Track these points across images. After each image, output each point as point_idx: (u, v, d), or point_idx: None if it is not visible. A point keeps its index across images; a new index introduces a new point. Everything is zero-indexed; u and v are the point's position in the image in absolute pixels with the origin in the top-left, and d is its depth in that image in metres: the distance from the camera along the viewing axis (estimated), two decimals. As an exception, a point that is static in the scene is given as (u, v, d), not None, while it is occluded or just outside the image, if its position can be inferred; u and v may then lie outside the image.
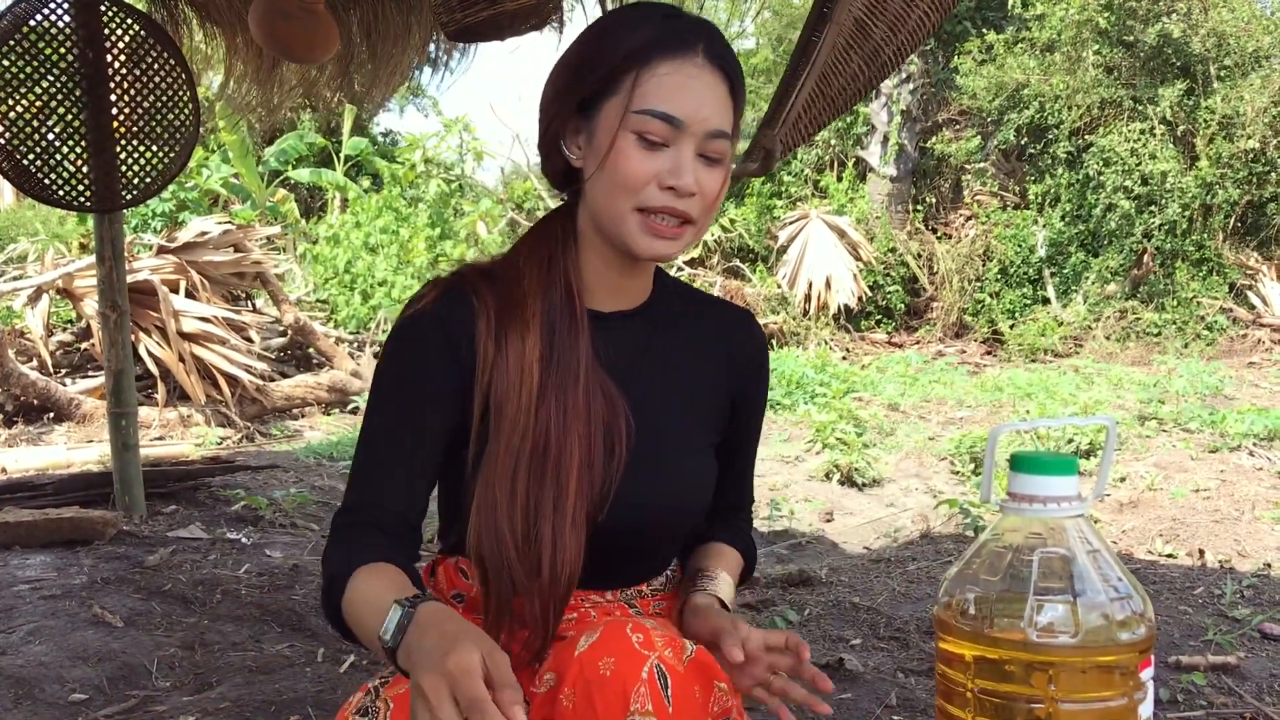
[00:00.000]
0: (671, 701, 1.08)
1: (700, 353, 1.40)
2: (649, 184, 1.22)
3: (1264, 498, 4.78)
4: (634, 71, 1.22)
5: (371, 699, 1.15)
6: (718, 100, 1.24)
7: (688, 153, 1.22)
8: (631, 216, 1.24)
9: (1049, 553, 1.03)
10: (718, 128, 1.24)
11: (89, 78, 3.83)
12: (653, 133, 1.21)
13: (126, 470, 4.21)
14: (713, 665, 1.16)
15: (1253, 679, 2.69)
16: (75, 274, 7.16)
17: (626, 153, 1.21)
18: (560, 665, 1.13)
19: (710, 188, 1.25)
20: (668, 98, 1.21)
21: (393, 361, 1.29)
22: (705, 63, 1.23)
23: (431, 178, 13.11)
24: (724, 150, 1.25)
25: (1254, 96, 11.70)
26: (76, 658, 2.71)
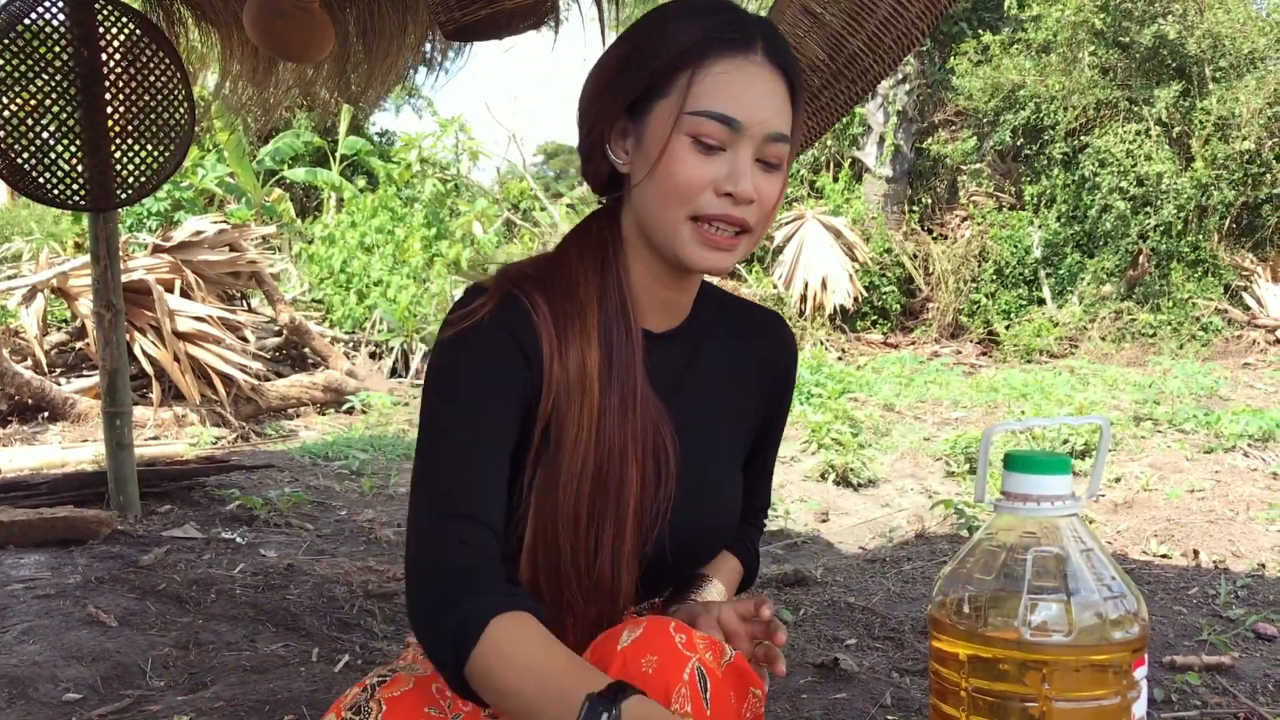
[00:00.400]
0: (710, 704, 1.08)
1: (736, 368, 1.35)
2: (705, 190, 1.15)
3: (1258, 498, 4.79)
4: (689, 70, 1.14)
5: (366, 697, 1.12)
6: (777, 101, 1.17)
7: (746, 157, 1.15)
8: (685, 226, 1.16)
9: (1043, 551, 1.03)
10: (777, 130, 1.17)
11: (84, 76, 3.82)
12: (709, 135, 1.14)
13: (121, 470, 4.20)
14: (749, 671, 1.16)
15: (1247, 679, 2.70)
16: (70, 273, 7.15)
17: (681, 156, 1.14)
18: (602, 658, 1.11)
19: (769, 195, 1.18)
20: (725, 98, 1.14)
21: (465, 369, 1.17)
22: (765, 61, 1.16)
23: (427, 177, 13.10)
24: (783, 155, 1.18)
25: (1249, 98, 11.72)
26: (70, 657, 2.70)
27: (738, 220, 1.16)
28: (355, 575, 3.55)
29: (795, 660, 2.83)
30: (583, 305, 1.20)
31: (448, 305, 9.96)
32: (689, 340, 1.31)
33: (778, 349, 1.39)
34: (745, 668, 1.15)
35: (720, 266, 1.18)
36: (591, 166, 1.25)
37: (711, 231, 1.16)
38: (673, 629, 1.11)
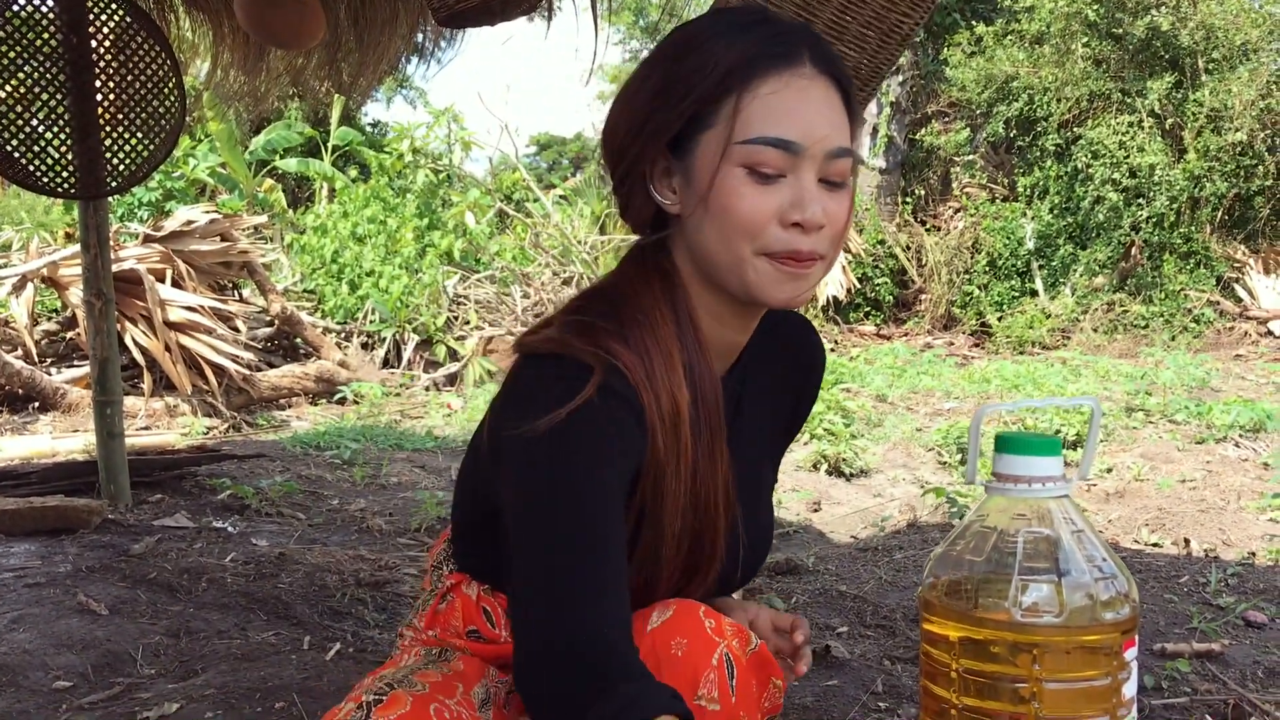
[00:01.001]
0: (735, 691, 1.08)
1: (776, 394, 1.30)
2: (770, 223, 1.05)
3: (1249, 488, 4.80)
4: (734, 95, 1.05)
5: (361, 715, 1.05)
6: (834, 113, 1.07)
7: (809, 180, 1.06)
8: (757, 261, 1.07)
9: (1034, 533, 1.03)
10: (839, 145, 1.07)
11: (73, 63, 3.80)
12: (766, 164, 1.04)
13: (112, 459, 4.19)
14: (771, 661, 1.16)
15: (1236, 666, 2.71)
16: (60, 262, 7.12)
17: (738, 191, 1.04)
18: None
19: (838, 216, 1.08)
20: (779, 120, 1.04)
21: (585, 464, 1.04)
22: (815, 72, 1.06)
23: (419, 168, 13.06)
24: (847, 171, 1.09)
25: (1242, 89, 11.74)
26: (61, 645, 2.69)
27: (805, 255, 1.07)
28: (347, 564, 3.54)
29: (787, 648, 2.83)
30: (667, 346, 1.10)
31: (440, 295, 9.95)
32: (737, 380, 1.24)
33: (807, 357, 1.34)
34: (768, 657, 1.15)
35: (800, 299, 1.10)
36: (634, 209, 1.15)
37: (785, 265, 1.07)
38: (702, 614, 1.11)
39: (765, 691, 1.14)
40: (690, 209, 1.09)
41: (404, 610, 3.13)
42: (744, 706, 1.09)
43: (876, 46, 2.42)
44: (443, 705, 1.10)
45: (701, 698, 1.06)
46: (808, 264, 1.08)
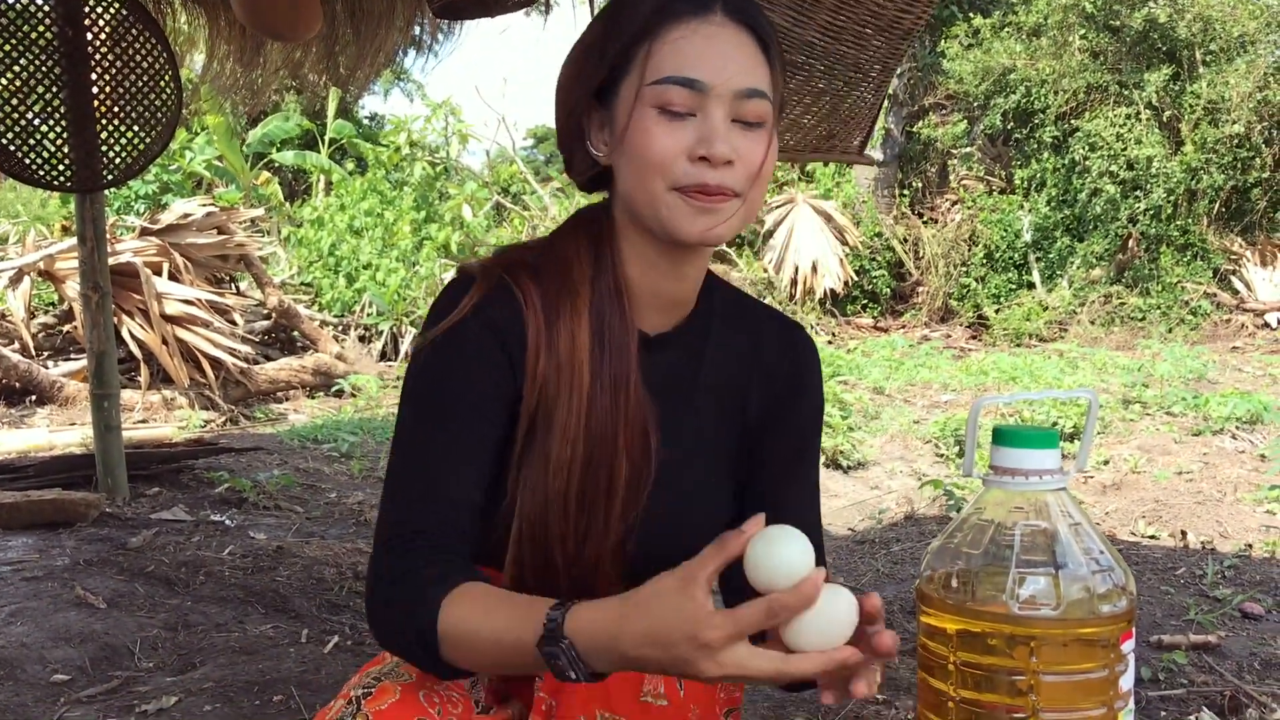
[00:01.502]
0: (683, 687, 1.07)
1: (731, 370, 1.26)
2: (678, 158, 1.08)
3: (1245, 480, 4.81)
4: (647, 41, 1.10)
5: (352, 710, 1.05)
6: (745, 57, 1.10)
7: (718, 118, 1.08)
8: (668, 196, 1.10)
9: (1031, 526, 1.03)
10: (748, 86, 1.09)
11: (69, 56, 3.79)
12: (675, 103, 1.08)
13: (109, 452, 4.18)
14: None
15: (1233, 657, 2.71)
16: (57, 256, 7.11)
17: (649, 130, 1.08)
18: None
19: (751, 155, 1.10)
20: (685, 61, 1.08)
21: (443, 371, 1.14)
22: (725, 19, 1.10)
23: (416, 161, 13.04)
24: (763, 112, 1.11)
25: (1239, 81, 11.74)
26: (59, 639, 2.70)
27: (714, 189, 1.09)
28: (344, 557, 3.55)
29: (784, 640, 2.83)
30: (576, 287, 1.15)
31: (437, 289, 9.94)
32: (688, 344, 1.24)
33: (784, 353, 1.28)
34: None
35: (715, 232, 1.11)
36: (574, 163, 1.20)
37: (695, 197, 1.10)
38: None
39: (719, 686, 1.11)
40: (614, 155, 1.14)
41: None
42: (696, 701, 1.07)
43: (876, 41, 2.43)
44: (432, 691, 1.10)
45: (647, 694, 1.05)
46: (717, 198, 1.10)
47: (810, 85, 2.62)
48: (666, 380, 1.20)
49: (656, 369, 1.19)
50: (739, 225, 1.14)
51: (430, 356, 1.14)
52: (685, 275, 1.20)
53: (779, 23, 2.43)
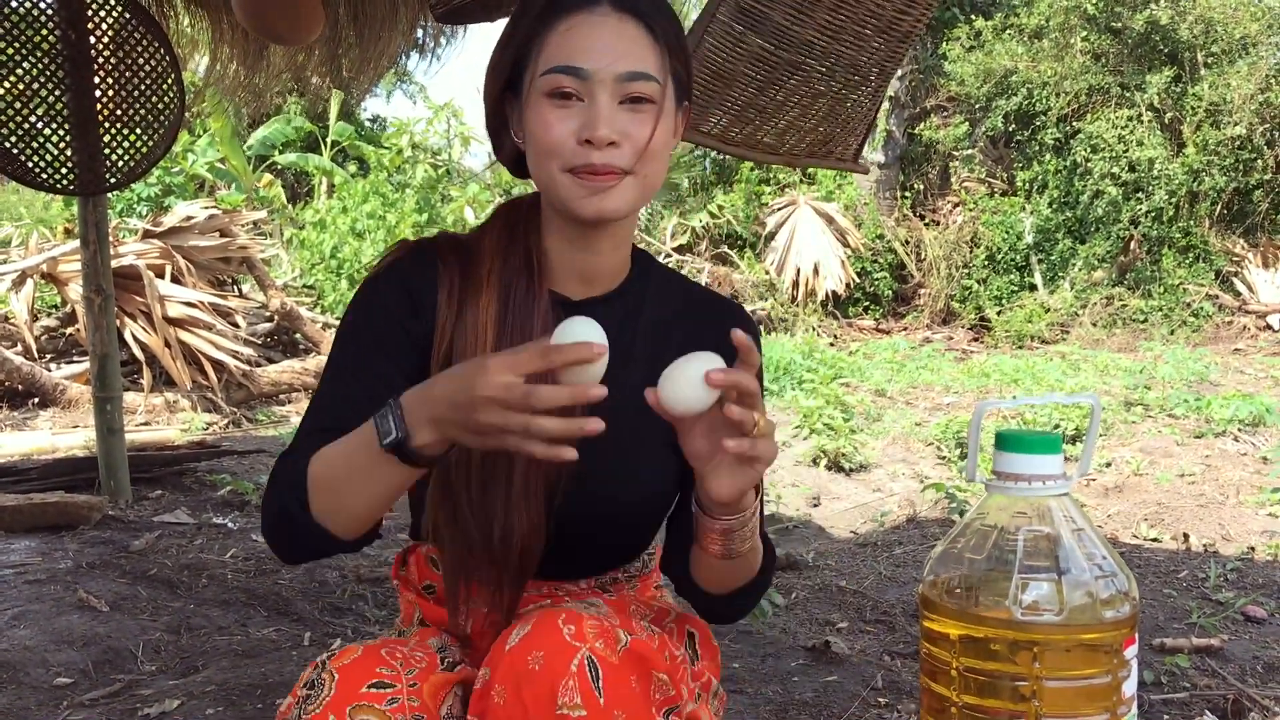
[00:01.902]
0: (602, 693, 1.05)
1: (668, 342, 1.29)
2: (567, 141, 1.17)
3: (1248, 482, 4.81)
4: (541, 35, 1.19)
5: (318, 672, 1.11)
6: (629, 41, 1.18)
7: (601, 100, 1.16)
8: (562, 177, 1.19)
9: (1034, 531, 1.03)
10: (630, 69, 1.17)
11: (72, 60, 3.80)
12: (562, 87, 1.17)
13: (112, 455, 4.19)
14: (651, 655, 1.12)
15: (1235, 661, 2.71)
16: (60, 258, 7.12)
17: (542, 116, 1.18)
18: (492, 660, 1.11)
19: (637, 133, 1.18)
20: (570, 50, 1.17)
21: (355, 312, 1.28)
22: (610, 10, 1.19)
23: (418, 163, 13.06)
24: (650, 91, 1.18)
25: (1241, 83, 11.73)
26: (61, 642, 2.70)
27: (600, 169, 1.17)
28: (347, 559, 3.55)
29: (786, 643, 2.83)
30: (487, 259, 1.26)
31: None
32: (615, 309, 1.30)
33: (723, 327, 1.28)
34: (646, 652, 1.12)
35: (607, 208, 1.19)
36: (501, 152, 1.31)
37: (586, 176, 1.18)
38: (561, 620, 1.09)
39: (650, 685, 1.10)
40: (524, 140, 1.24)
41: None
42: (620, 705, 1.06)
43: (875, 42, 2.43)
44: (394, 648, 1.14)
45: (563, 706, 1.04)
46: (604, 177, 1.18)
47: (809, 86, 2.61)
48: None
49: None
50: (637, 198, 1.22)
51: (350, 303, 1.30)
52: (599, 249, 1.28)
53: (779, 21, 2.43)
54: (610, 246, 1.29)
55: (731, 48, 2.43)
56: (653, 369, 1.25)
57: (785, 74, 2.51)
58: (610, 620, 1.15)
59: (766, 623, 2.97)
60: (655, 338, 1.31)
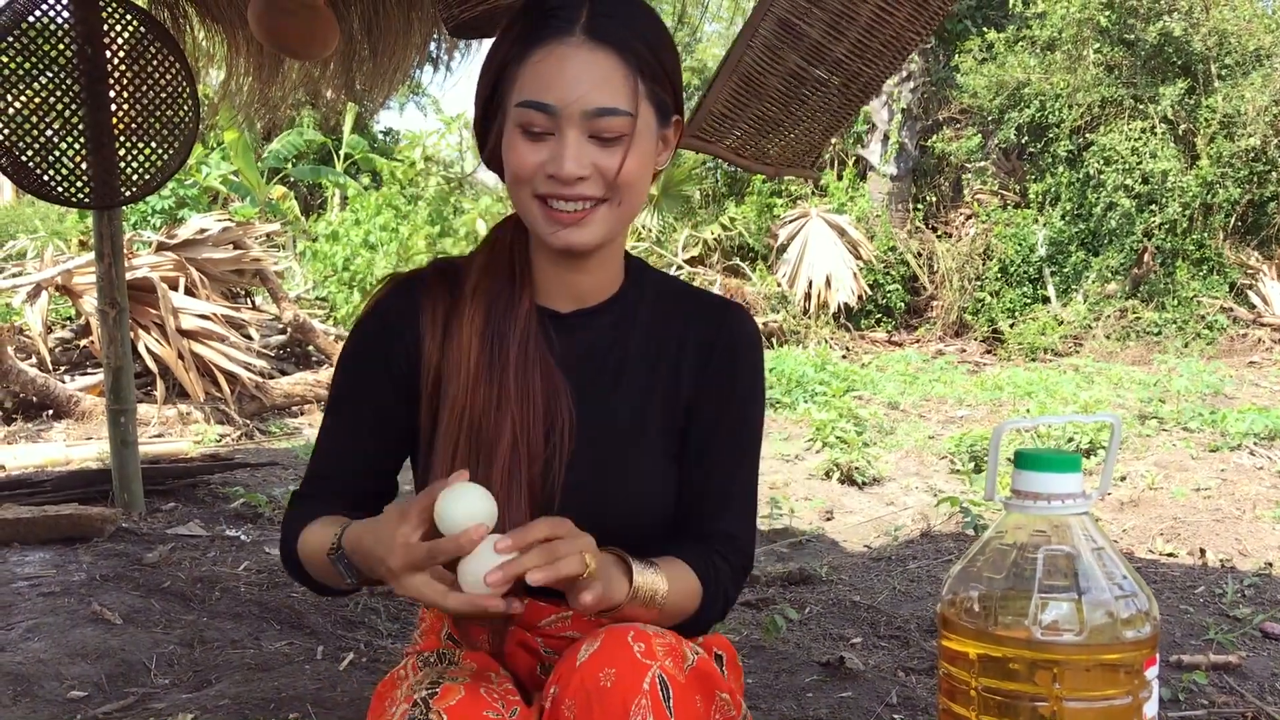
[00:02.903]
0: (673, 712, 1.06)
1: (663, 348, 1.32)
2: (536, 174, 1.19)
3: (1265, 497, 4.77)
4: (517, 63, 1.20)
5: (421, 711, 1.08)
6: (598, 76, 1.17)
7: (569, 137, 1.17)
8: (533, 204, 1.21)
9: (1053, 550, 1.02)
10: (598, 105, 1.17)
11: (88, 74, 3.82)
12: (532, 123, 1.18)
13: (125, 467, 4.20)
14: (715, 674, 1.14)
15: (1254, 678, 2.69)
16: (74, 271, 7.15)
17: (515, 146, 1.20)
18: (562, 676, 1.11)
19: (608, 167, 1.18)
20: (540, 85, 1.17)
21: (343, 356, 1.34)
22: (583, 40, 1.17)
23: (431, 175, 13.09)
24: (618, 127, 1.18)
25: (1255, 95, 11.69)
26: (75, 655, 2.70)
27: (570, 196, 1.19)
28: (360, 573, 3.54)
29: (801, 659, 2.82)
30: (471, 276, 1.28)
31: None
32: (608, 320, 1.32)
33: (717, 328, 1.34)
34: (710, 671, 1.13)
35: (576, 240, 1.21)
36: (493, 166, 1.31)
37: (554, 208, 1.20)
38: (631, 638, 1.09)
39: (712, 705, 1.12)
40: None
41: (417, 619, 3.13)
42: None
43: (888, 61, 2.44)
44: (489, 687, 1.14)
45: None
46: (573, 214, 1.20)
47: (825, 101, 2.63)
48: (588, 356, 1.29)
49: (575, 345, 1.29)
50: (612, 226, 1.23)
51: (344, 346, 1.35)
52: (585, 268, 1.29)
53: (816, 38, 2.44)
54: (596, 264, 1.30)
55: (769, 62, 2.45)
56: (649, 378, 1.31)
57: (809, 90, 2.53)
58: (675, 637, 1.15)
59: (780, 638, 2.96)
60: (651, 345, 1.32)
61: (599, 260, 1.29)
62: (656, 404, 1.31)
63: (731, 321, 1.34)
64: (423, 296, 1.29)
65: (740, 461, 1.34)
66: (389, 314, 1.30)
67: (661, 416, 1.31)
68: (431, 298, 1.29)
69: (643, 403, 1.31)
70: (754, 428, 1.35)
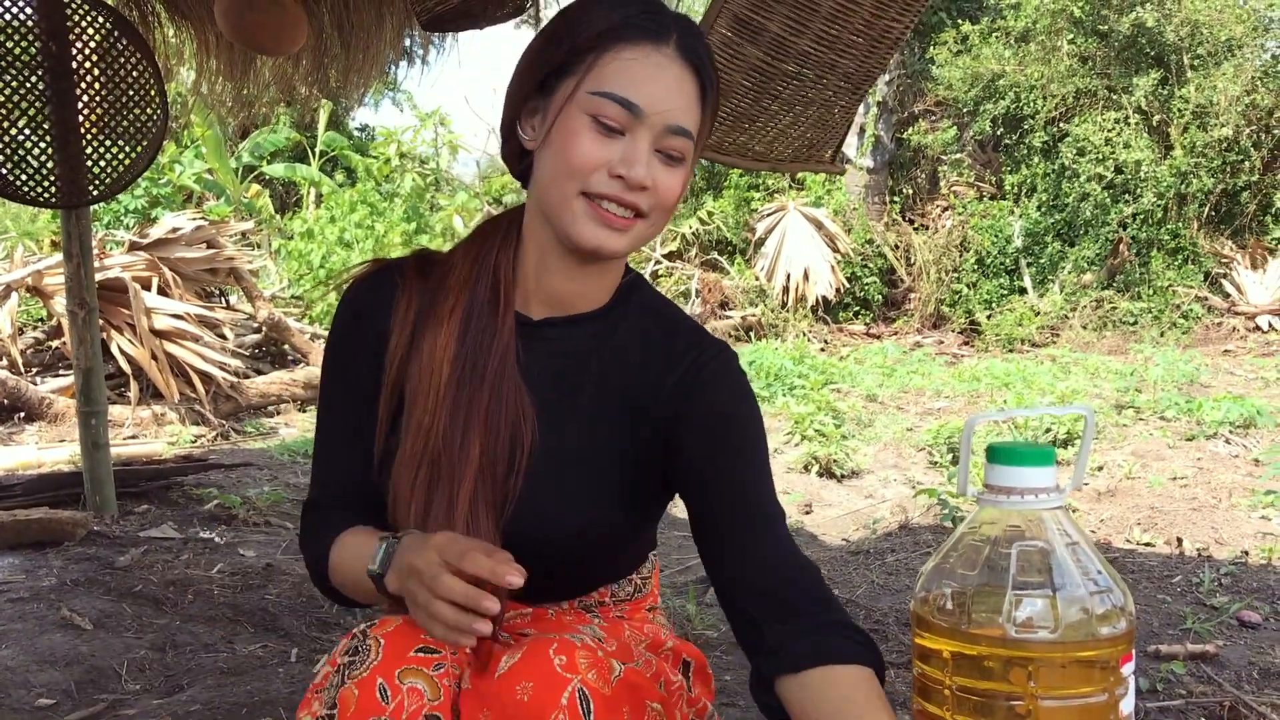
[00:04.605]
0: None
1: (632, 371, 1.25)
2: (598, 170, 1.13)
3: (1240, 485, 4.80)
4: (599, 50, 1.14)
5: (359, 641, 1.10)
6: (685, 95, 1.16)
7: (644, 144, 1.14)
8: (577, 201, 1.15)
9: (1027, 546, 1.01)
10: (680, 124, 1.15)
11: (53, 71, 3.76)
12: (609, 117, 1.13)
13: (97, 470, 4.15)
14: (644, 685, 1.11)
15: (1231, 667, 2.69)
16: (45, 271, 7.07)
17: (578, 133, 1.13)
18: (480, 687, 1.08)
19: (667, 187, 1.16)
20: (629, 82, 1.13)
21: (327, 344, 1.30)
22: (676, 54, 1.15)
23: (407, 172, 13.03)
24: (685, 149, 1.17)
25: (1227, 85, 11.77)
26: (44, 661, 2.66)
27: (629, 202, 1.15)
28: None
29: (779, 654, 2.80)
30: (450, 291, 1.22)
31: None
32: (586, 334, 1.26)
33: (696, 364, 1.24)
34: (640, 682, 1.11)
35: (609, 245, 1.16)
36: (506, 146, 1.25)
37: (604, 208, 1.15)
38: (553, 650, 1.06)
39: (643, 716, 1.09)
40: (540, 144, 1.18)
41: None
42: None
43: (866, 51, 2.42)
44: None
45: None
46: (623, 220, 1.15)
47: (802, 95, 2.61)
48: (555, 368, 1.24)
49: (543, 355, 1.24)
50: (638, 243, 1.19)
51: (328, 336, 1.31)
52: (579, 278, 1.23)
53: (776, 32, 2.43)
54: (595, 275, 1.25)
55: (729, 59, 2.43)
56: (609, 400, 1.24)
57: (781, 84, 2.51)
58: (607, 646, 1.13)
59: (759, 633, 2.95)
60: (619, 366, 1.25)
61: (598, 272, 1.24)
62: (613, 427, 1.24)
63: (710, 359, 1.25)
64: (398, 289, 1.25)
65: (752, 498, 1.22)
66: (361, 305, 1.27)
67: (620, 438, 1.24)
68: (408, 293, 1.24)
69: (597, 425, 1.24)
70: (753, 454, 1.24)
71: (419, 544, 1.07)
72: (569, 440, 1.23)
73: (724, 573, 1.17)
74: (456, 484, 1.17)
